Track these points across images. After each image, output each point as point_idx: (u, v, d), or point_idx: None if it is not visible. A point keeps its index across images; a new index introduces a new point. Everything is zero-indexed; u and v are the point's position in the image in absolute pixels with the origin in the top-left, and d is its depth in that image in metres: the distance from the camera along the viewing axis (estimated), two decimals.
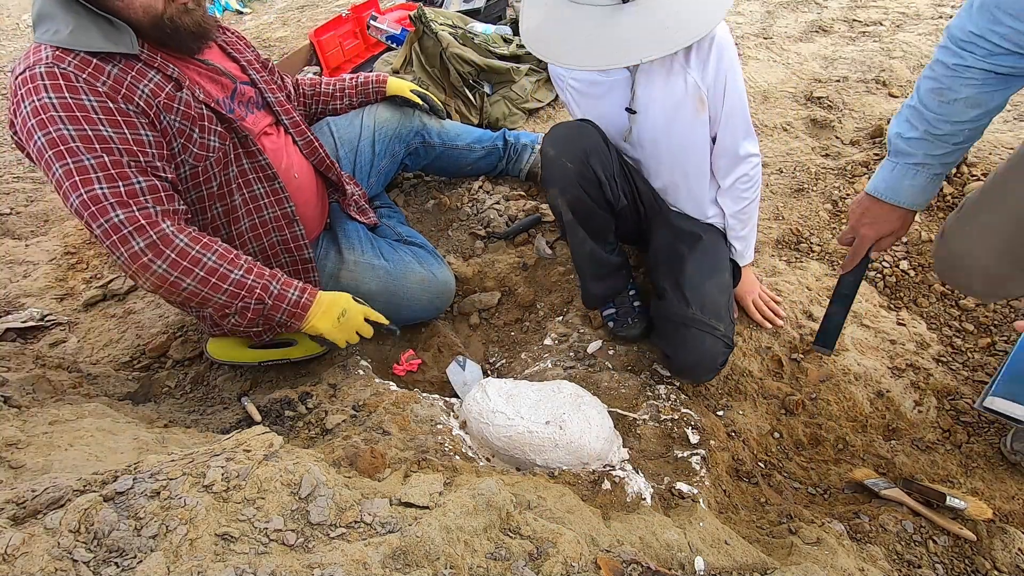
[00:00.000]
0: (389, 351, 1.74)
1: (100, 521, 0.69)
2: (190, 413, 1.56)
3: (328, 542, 0.74)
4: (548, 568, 0.76)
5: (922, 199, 1.19)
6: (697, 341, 1.34)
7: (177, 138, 1.26)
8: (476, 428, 1.26)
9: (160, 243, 1.17)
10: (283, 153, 1.53)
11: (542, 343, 1.64)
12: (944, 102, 1.08)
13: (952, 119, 1.09)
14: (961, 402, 1.43)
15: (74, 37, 1.14)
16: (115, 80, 1.18)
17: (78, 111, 1.14)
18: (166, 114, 1.24)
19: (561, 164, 1.37)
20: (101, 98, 1.16)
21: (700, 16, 1.08)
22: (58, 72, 1.14)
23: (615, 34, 1.08)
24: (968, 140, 1.12)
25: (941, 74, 1.07)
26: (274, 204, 1.47)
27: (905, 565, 1.11)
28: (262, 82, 1.52)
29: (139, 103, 1.20)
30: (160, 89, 1.23)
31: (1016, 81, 1.05)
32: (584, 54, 1.10)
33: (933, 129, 1.11)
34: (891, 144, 1.19)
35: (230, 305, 1.26)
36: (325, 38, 2.66)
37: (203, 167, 1.31)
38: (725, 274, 1.44)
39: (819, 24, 2.97)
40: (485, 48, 2.42)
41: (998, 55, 1.00)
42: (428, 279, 1.66)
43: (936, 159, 1.14)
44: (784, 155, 2.16)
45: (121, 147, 1.17)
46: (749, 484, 1.33)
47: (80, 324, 1.92)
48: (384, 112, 1.88)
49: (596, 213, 1.42)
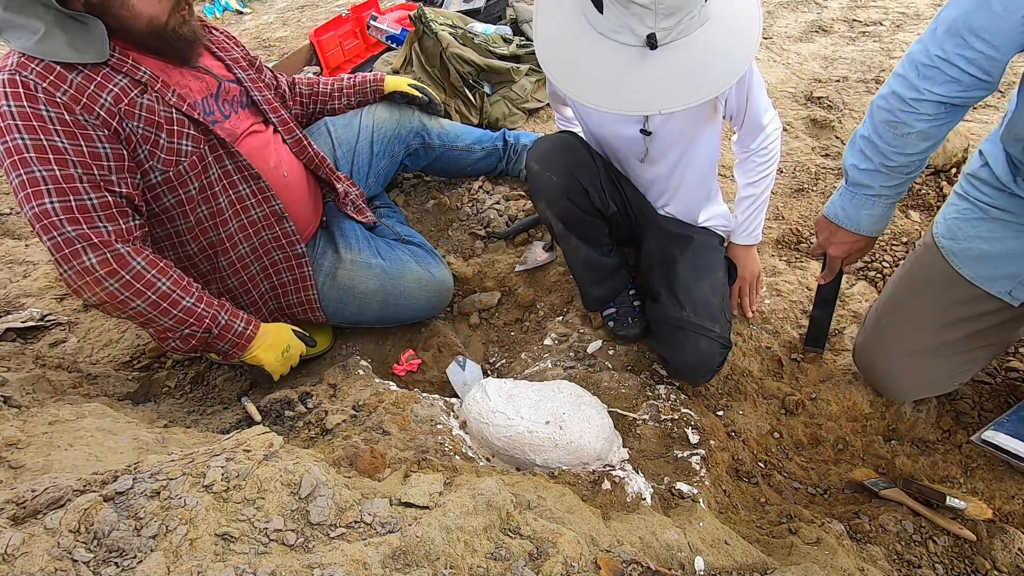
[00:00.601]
0: (389, 351, 1.74)
1: (100, 521, 0.69)
2: (190, 413, 1.56)
3: (328, 542, 0.74)
4: (548, 568, 0.76)
5: (880, 226, 1.26)
6: (692, 343, 1.34)
7: (142, 144, 1.25)
8: (476, 428, 1.26)
9: (114, 261, 1.18)
10: (271, 151, 1.53)
11: (542, 343, 1.64)
12: (898, 135, 1.12)
13: (906, 151, 1.13)
14: (961, 402, 1.43)
15: (39, 46, 1.13)
16: (77, 89, 1.16)
17: (35, 120, 1.13)
18: (128, 121, 1.22)
19: (546, 178, 1.37)
20: (59, 109, 1.15)
21: (730, 61, 1.04)
22: (19, 80, 1.13)
23: (647, 77, 1.03)
24: (917, 170, 1.18)
25: (896, 107, 1.10)
26: (261, 203, 1.47)
27: (905, 565, 1.11)
28: (248, 80, 1.52)
29: (100, 113, 1.18)
30: (124, 95, 1.21)
31: (961, 112, 1.09)
32: (615, 95, 1.04)
33: (887, 161, 1.15)
34: (847, 174, 1.24)
35: (175, 330, 1.29)
36: (325, 38, 2.66)
37: (175, 172, 1.30)
38: (718, 274, 1.43)
39: (819, 24, 2.97)
40: (485, 48, 2.42)
41: (957, 83, 1.02)
42: (425, 278, 1.66)
43: (891, 190, 1.20)
44: (784, 155, 2.16)
45: (75, 159, 1.16)
46: (749, 484, 1.33)
47: (80, 324, 1.92)
48: (383, 112, 1.88)
49: (586, 220, 1.42)
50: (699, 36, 1.03)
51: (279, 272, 1.56)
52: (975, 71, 1.00)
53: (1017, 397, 1.42)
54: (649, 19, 0.98)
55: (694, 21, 1.01)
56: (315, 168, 1.65)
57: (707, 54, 1.03)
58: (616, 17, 1.00)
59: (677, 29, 1.00)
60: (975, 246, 1.20)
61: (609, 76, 1.04)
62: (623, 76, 1.04)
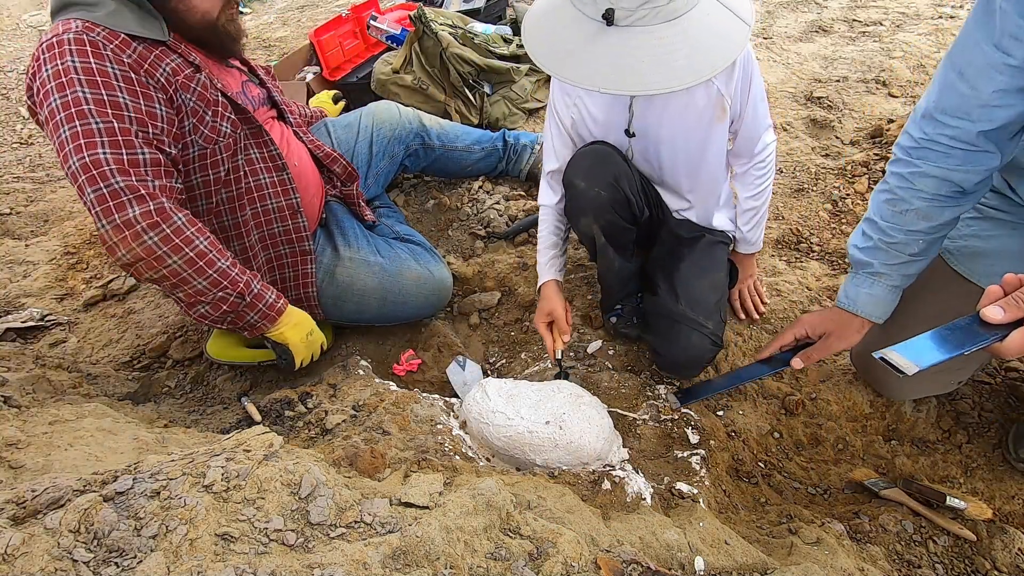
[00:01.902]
0: (389, 351, 1.74)
1: (100, 521, 0.69)
2: (190, 413, 1.56)
3: (328, 542, 0.74)
4: (548, 568, 0.76)
5: (880, 311, 1.21)
6: (684, 337, 1.35)
7: (190, 117, 1.30)
8: (476, 428, 1.26)
9: (157, 214, 1.19)
10: (285, 143, 1.56)
11: (542, 343, 1.64)
12: (897, 211, 1.12)
13: (905, 228, 1.12)
14: (961, 403, 1.43)
15: (109, 18, 1.20)
16: (139, 55, 1.22)
17: (99, 76, 1.17)
18: (183, 93, 1.28)
19: (595, 194, 1.34)
20: (124, 67, 1.20)
21: (684, 68, 1.00)
22: (87, 39, 1.18)
23: (599, 53, 1.01)
24: (923, 253, 1.15)
25: (895, 185, 1.11)
26: (279, 195, 1.49)
27: (905, 565, 1.11)
28: (269, 82, 1.59)
29: (160, 79, 1.25)
30: (180, 70, 1.28)
31: (964, 199, 1.08)
32: (572, 65, 1.03)
33: (886, 237, 1.14)
34: (851, 256, 1.23)
35: (207, 293, 1.27)
36: (325, 38, 2.66)
37: (212, 150, 1.35)
38: (720, 273, 1.43)
39: (819, 24, 2.97)
40: (485, 48, 2.42)
41: (949, 157, 1.03)
42: (424, 276, 1.66)
43: (893, 269, 1.17)
44: (784, 155, 2.16)
45: (134, 115, 1.20)
46: (749, 484, 1.33)
47: (80, 324, 1.92)
48: (382, 114, 1.89)
49: (626, 230, 1.41)
50: (664, 30, 1.00)
51: (283, 266, 1.57)
52: (961, 145, 1.01)
53: (1017, 397, 1.42)
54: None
55: (658, 14, 0.99)
56: (330, 162, 1.68)
57: (665, 52, 1.00)
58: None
59: (638, 14, 0.99)
60: (971, 244, 1.20)
61: (566, 44, 1.05)
62: (577, 48, 1.03)
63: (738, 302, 1.59)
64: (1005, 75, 0.91)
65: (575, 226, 1.46)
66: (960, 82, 0.97)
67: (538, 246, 1.55)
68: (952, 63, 0.99)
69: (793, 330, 1.29)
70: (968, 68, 0.96)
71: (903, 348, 0.83)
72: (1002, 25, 0.89)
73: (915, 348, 0.82)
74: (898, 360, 0.82)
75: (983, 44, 0.92)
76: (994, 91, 0.94)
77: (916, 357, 0.81)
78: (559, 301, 1.47)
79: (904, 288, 1.20)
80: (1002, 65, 0.91)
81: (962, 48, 0.97)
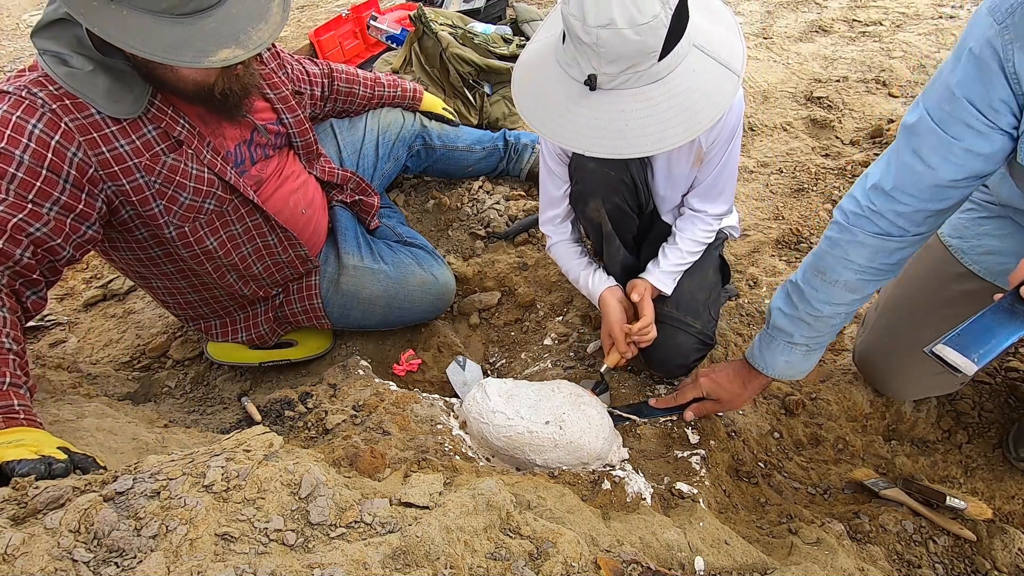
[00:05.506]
0: (389, 351, 1.74)
1: (100, 521, 0.69)
2: (190, 413, 1.56)
3: (328, 542, 0.74)
4: (548, 568, 0.76)
5: (795, 372, 1.22)
6: (669, 337, 1.35)
7: (157, 199, 1.22)
8: (476, 428, 1.26)
9: None
10: (298, 192, 1.53)
11: (542, 343, 1.64)
12: (827, 282, 1.11)
13: (831, 301, 1.12)
14: (961, 403, 1.43)
15: (73, 79, 1.08)
16: (90, 124, 1.10)
17: (12, 130, 1.05)
18: (146, 175, 1.19)
19: (604, 173, 1.33)
20: (50, 132, 1.07)
21: (663, 132, 1.00)
22: (26, 97, 1.07)
23: (584, 114, 1.03)
24: (841, 323, 1.17)
25: (826, 251, 1.11)
26: (288, 249, 1.51)
27: (905, 565, 1.11)
28: (293, 122, 1.48)
29: (90, 160, 1.11)
30: (146, 148, 1.17)
31: (889, 274, 1.09)
32: (555, 124, 1.06)
33: (812, 311, 1.14)
34: (772, 318, 1.21)
35: None
36: (325, 38, 2.66)
37: (191, 227, 1.31)
38: (708, 272, 1.43)
39: (819, 24, 2.97)
40: (485, 48, 2.42)
41: (887, 236, 1.04)
42: (429, 281, 1.65)
43: (811, 340, 1.18)
44: (784, 155, 2.16)
45: (21, 175, 1.05)
46: (749, 484, 1.33)
47: (80, 324, 1.92)
48: (387, 116, 1.88)
49: (630, 218, 1.40)
50: (650, 91, 1.01)
51: (286, 278, 1.58)
52: (905, 223, 1.01)
53: (1017, 397, 1.42)
54: (594, 60, 0.98)
55: (641, 77, 1.00)
56: (343, 182, 1.67)
57: (651, 114, 1.01)
58: (571, 50, 1.02)
59: (620, 78, 0.99)
60: (984, 243, 1.20)
61: (553, 104, 1.07)
62: (564, 109, 1.05)
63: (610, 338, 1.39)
64: (960, 159, 0.92)
65: (582, 213, 1.43)
66: (915, 161, 0.96)
67: (570, 276, 1.47)
68: (909, 140, 0.98)
69: (692, 391, 1.32)
70: (923, 148, 0.95)
71: (955, 343, 0.77)
72: (954, 112, 0.90)
73: (966, 342, 0.77)
74: (954, 358, 0.77)
75: (943, 127, 0.92)
76: (951, 178, 0.94)
77: (971, 353, 0.76)
78: (616, 317, 1.35)
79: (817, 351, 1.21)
80: (960, 150, 0.91)
81: (923, 127, 0.95)
